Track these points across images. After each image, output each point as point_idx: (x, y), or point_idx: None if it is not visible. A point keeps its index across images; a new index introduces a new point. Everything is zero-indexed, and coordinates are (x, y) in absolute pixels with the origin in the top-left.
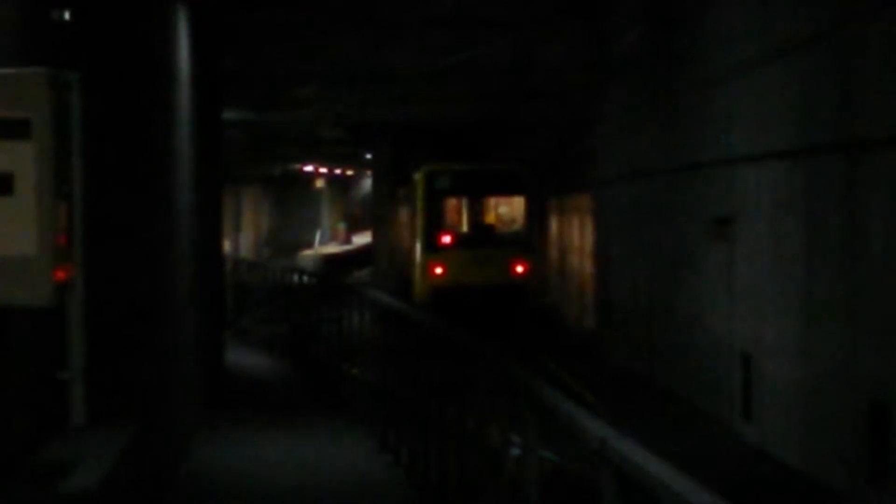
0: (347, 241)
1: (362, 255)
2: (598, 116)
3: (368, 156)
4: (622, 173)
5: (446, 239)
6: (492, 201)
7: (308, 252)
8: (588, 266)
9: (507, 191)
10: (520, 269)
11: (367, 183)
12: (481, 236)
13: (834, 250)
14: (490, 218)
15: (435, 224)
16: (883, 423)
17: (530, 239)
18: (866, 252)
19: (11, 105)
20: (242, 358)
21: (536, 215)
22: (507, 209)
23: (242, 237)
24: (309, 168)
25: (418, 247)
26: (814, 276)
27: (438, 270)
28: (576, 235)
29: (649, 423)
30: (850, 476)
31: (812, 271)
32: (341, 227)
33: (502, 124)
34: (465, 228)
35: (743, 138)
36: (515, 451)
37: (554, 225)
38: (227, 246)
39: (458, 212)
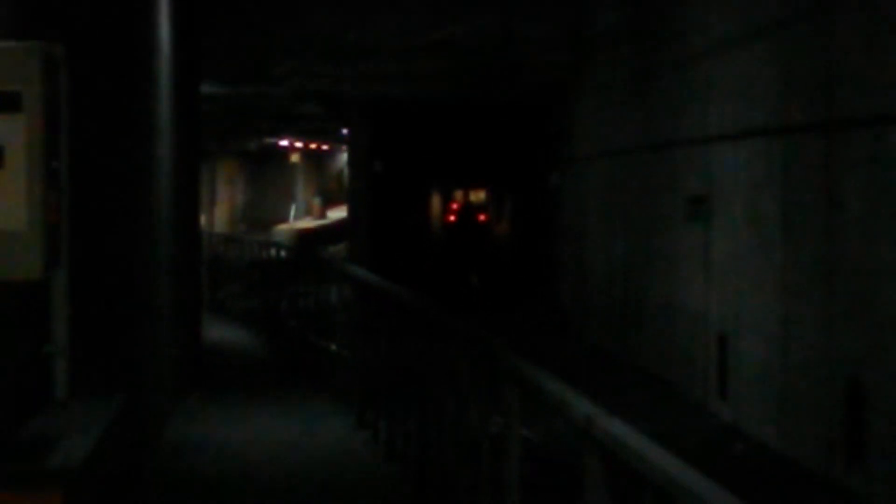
0: (322, 215)
1: (337, 229)
2: (575, 95)
3: (345, 131)
4: (597, 151)
5: (454, 206)
6: (471, 191)
7: (283, 227)
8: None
9: (480, 186)
10: (482, 217)
11: (342, 158)
12: (468, 205)
13: (810, 229)
14: (473, 197)
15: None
16: (858, 401)
17: (488, 206)
18: (842, 230)
19: (2, 78)
20: (219, 333)
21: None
22: (481, 194)
23: (217, 211)
24: (284, 143)
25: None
26: (790, 254)
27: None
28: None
29: (623, 399)
30: (826, 454)
31: (788, 250)
32: (316, 201)
33: (481, 102)
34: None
35: (719, 116)
36: (495, 430)
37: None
38: (202, 220)
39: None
